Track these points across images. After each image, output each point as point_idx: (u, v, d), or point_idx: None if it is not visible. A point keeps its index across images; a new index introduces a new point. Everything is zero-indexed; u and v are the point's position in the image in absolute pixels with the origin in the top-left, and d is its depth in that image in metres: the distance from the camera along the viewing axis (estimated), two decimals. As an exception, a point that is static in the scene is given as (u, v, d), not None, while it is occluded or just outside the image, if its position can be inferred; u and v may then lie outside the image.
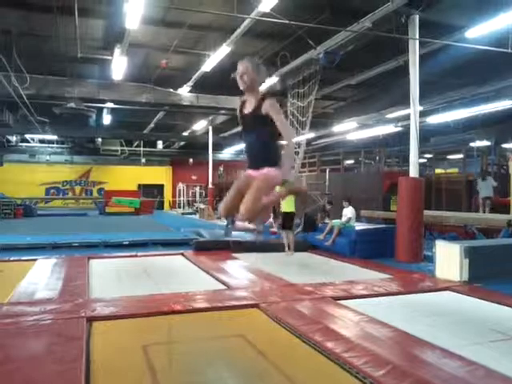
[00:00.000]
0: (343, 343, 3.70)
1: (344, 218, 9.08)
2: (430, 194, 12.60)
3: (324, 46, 9.92)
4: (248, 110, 2.61)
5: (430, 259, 7.27)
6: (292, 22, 7.96)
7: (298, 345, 3.83)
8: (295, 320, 4.34)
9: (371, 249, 8.52)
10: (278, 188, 2.71)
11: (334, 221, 9.35)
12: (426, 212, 9.04)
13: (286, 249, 8.55)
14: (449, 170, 19.34)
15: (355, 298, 5.44)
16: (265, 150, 2.49)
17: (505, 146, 16.88)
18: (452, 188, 13.74)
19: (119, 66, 11.79)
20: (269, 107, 2.50)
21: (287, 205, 7.82)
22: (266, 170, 2.41)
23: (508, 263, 6.53)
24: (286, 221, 7.80)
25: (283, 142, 2.57)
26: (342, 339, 3.80)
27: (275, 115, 2.52)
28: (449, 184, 14.08)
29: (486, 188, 11.79)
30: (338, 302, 5.15)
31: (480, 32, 8.55)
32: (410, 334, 4.00)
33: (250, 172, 2.54)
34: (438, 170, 17.19)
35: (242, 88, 2.60)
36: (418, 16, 8.16)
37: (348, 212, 9.09)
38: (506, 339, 4.02)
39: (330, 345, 3.66)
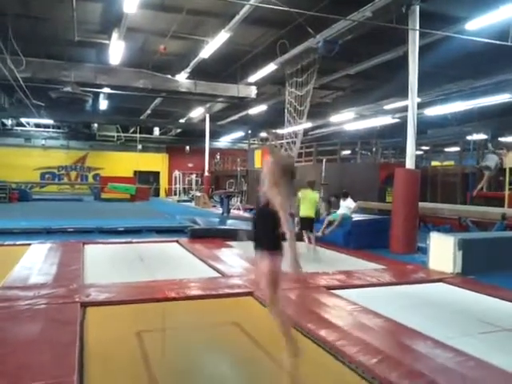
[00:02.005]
0: (336, 332, 3.72)
1: (345, 210, 8.90)
2: (425, 186, 12.63)
3: (323, 34, 9.85)
4: (261, 200, 2.85)
5: (424, 251, 7.30)
6: (292, 10, 7.88)
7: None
8: (289, 309, 4.36)
9: (366, 239, 8.55)
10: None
11: (333, 215, 9.18)
12: (421, 204, 9.06)
13: (307, 244, 7.59)
14: (445, 163, 19.38)
15: (349, 287, 5.47)
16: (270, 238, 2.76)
17: (501, 139, 16.91)
18: (448, 180, 13.78)
19: (117, 50, 11.68)
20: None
21: (308, 209, 7.09)
22: (267, 260, 2.60)
23: (501, 256, 6.58)
24: (306, 224, 7.13)
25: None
26: (335, 328, 3.83)
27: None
28: (445, 176, 14.11)
29: (491, 159, 11.66)
30: (332, 291, 5.18)
31: (480, 24, 8.52)
32: (402, 324, 4.04)
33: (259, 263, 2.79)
34: (434, 163, 17.23)
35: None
36: (418, 7, 8.10)
37: (350, 203, 8.94)
38: (496, 331, 4.06)
39: (322, 333, 3.69)
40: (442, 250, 6.52)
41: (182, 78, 14.74)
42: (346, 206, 8.90)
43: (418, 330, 3.86)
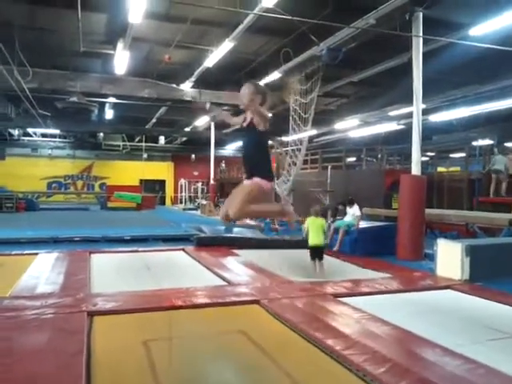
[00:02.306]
0: (343, 340, 3.70)
1: (350, 218, 8.87)
2: (431, 193, 12.58)
3: (327, 42, 9.90)
4: (245, 123, 2.96)
5: (431, 257, 7.26)
6: (295, 18, 7.93)
7: (298, 341, 3.84)
8: (295, 317, 4.35)
9: (372, 247, 8.50)
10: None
11: (337, 222, 9.15)
12: (428, 210, 9.02)
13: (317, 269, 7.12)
14: (451, 169, 19.30)
15: (356, 295, 5.44)
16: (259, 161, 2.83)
17: (507, 145, 16.84)
18: (454, 186, 13.72)
19: (122, 60, 11.78)
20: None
21: (316, 237, 7.10)
22: (257, 180, 2.67)
23: (509, 262, 6.53)
24: (316, 253, 7.14)
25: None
26: (343, 336, 3.81)
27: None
28: (451, 182, 14.05)
29: (500, 162, 11.61)
30: (339, 299, 5.15)
31: (484, 30, 8.52)
32: (410, 331, 4.01)
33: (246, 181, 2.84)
34: (440, 169, 17.17)
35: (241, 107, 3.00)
36: (421, 13, 8.13)
37: (356, 210, 8.90)
38: (506, 338, 4.02)
39: (330, 342, 3.67)
40: (450, 257, 6.48)
41: (187, 87, 14.84)
42: (352, 213, 8.86)
43: (426, 338, 3.83)
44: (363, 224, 9.26)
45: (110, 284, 5.81)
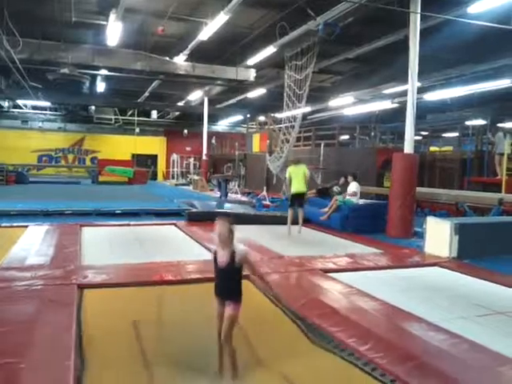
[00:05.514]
0: (331, 316, 3.75)
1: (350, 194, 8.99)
2: (423, 171, 12.64)
3: (323, 17, 9.74)
4: (222, 260, 3.21)
5: (421, 235, 7.34)
6: (291, -9, 7.78)
7: (286, 317, 3.88)
8: (285, 292, 4.39)
9: (363, 224, 8.57)
10: None
11: (339, 197, 9.16)
12: (419, 189, 9.07)
13: (289, 227, 7.67)
14: (443, 148, 19.34)
15: (345, 271, 5.50)
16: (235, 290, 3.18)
17: (500, 125, 16.86)
18: (446, 166, 13.79)
19: (114, 31, 11.52)
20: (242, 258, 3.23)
21: (299, 184, 7.08)
22: (232, 307, 3.06)
23: (497, 241, 6.60)
24: (297, 200, 7.12)
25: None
26: (330, 311, 3.86)
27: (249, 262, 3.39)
28: (443, 162, 14.11)
29: (502, 144, 11.63)
30: (328, 274, 5.21)
31: (482, 8, 8.41)
32: (397, 307, 4.07)
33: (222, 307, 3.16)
34: (432, 148, 17.22)
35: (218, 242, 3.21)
36: (420, -11, 8.01)
37: (354, 187, 8.97)
38: (491, 314, 4.10)
39: (317, 317, 3.71)
40: (439, 235, 6.55)
41: (181, 61, 14.59)
42: (350, 189, 8.97)
43: (412, 313, 3.90)
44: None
45: (101, 257, 5.82)
